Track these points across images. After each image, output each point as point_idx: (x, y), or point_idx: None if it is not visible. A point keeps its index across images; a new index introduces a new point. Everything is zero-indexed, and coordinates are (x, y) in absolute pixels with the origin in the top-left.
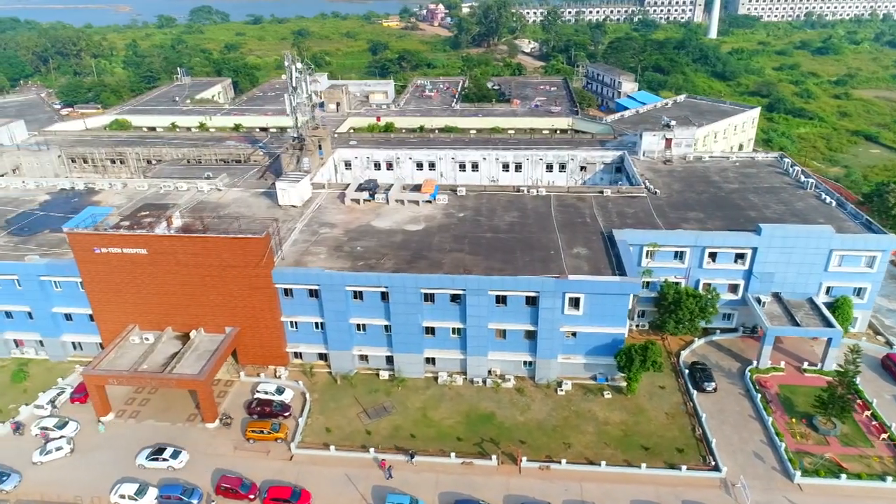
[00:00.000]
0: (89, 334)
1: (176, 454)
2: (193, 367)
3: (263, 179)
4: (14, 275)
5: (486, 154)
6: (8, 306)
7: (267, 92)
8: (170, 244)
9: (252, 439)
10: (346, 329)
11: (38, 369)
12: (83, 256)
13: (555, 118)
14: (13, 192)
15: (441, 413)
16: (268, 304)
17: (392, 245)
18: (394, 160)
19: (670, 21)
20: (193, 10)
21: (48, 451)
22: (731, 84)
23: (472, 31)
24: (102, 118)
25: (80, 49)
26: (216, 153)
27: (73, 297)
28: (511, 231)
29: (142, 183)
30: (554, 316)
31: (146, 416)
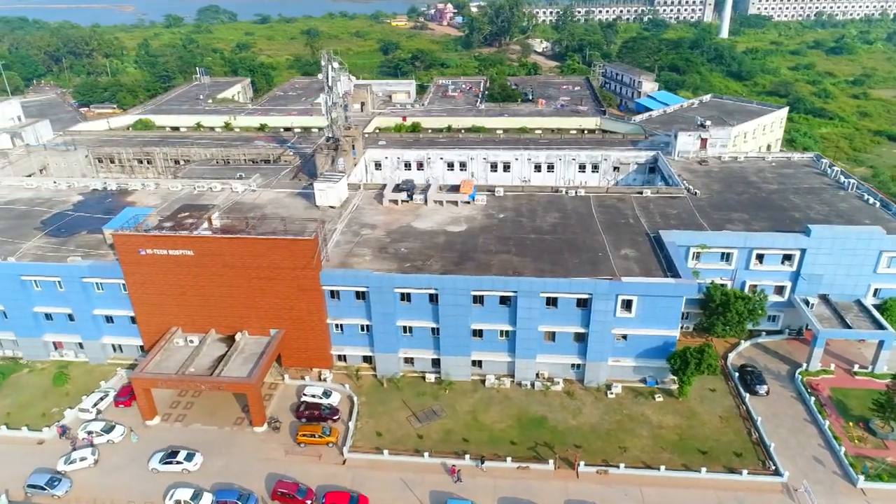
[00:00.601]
0: (130, 336)
1: (190, 456)
2: (242, 369)
3: (297, 180)
4: (56, 276)
5: (518, 154)
6: (49, 308)
7: (288, 92)
8: (217, 245)
9: (303, 443)
10: (393, 331)
11: (78, 372)
12: (128, 258)
13: (582, 118)
14: (45, 192)
15: (491, 417)
16: (314, 306)
17: (436, 246)
18: (424, 160)
19: (680, 21)
20: (201, 10)
21: (72, 461)
22: (747, 84)
23: (483, 31)
24: (125, 118)
25: (92, 49)
26: (245, 153)
27: (115, 299)
28: (554, 232)
29: (175, 183)
30: (606, 318)
31: (192, 420)
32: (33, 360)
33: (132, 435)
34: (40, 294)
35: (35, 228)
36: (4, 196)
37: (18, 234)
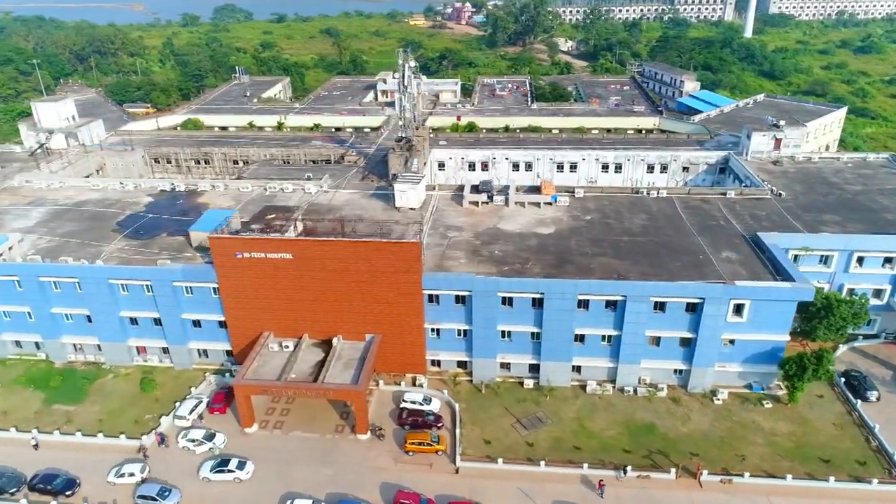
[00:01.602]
0: (217, 341)
1: (242, 465)
2: (344, 375)
3: (369, 181)
4: (147, 280)
5: (585, 154)
6: (135, 312)
7: (332, 91)
8: (318, 248)
9: (411, 451)
10: (493, 336)
11: (164, 377)
12: (223, 261)
13: (639, 118)
14: (112, 193)
15: (598, 424)
16: (413, 311)
17: (529, 249)
18: (489, 161)
19: (700, 20)
20: (217, 9)
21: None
22: (781, 83)
23: (508, 30)
24: (174, 118)
25: (117, 48)
26: (305, 153)
27: (205, 304)
28: (646, 234)
29: (244, 184)
30: (717, 323)
31: (292, 428)
32: (116, 365)
33: (214, 446)
34: (127, 298)
35: (112, 231)
36: (72, 197)
37: (96, 236)
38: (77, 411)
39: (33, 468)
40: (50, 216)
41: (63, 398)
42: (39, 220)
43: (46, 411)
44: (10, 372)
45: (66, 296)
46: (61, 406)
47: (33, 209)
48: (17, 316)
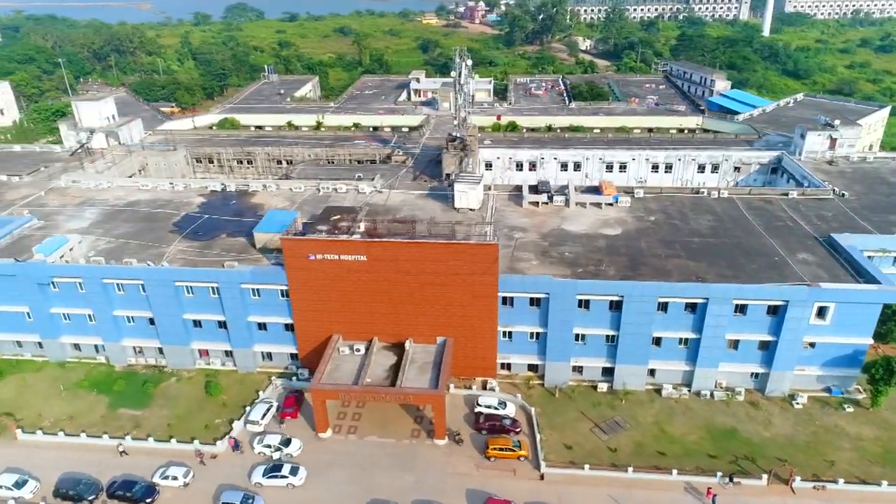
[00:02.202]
0: (282, 344)
1: (295, 470)
2: (419, 379)
3: (422, 181)
4: (214, 282)
5: (634, 154)
6: (200, 315)
7: (363, 91)
8: (393, 250)
9: (493, 457)
10: (567, 339)
11: (228, 381)
12: (295, 263)
13: (681, 117)
14: (162, 193)
15: (678, 428)
16: (486, 313)
17: (599, 250)
18: (537, 160)
19: (716, 19)
20: (229, 7)
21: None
22: (806, 83)
23: (525, 29)
24: (209, 117)
25: (135, 47)
26: (350, 153)
27: (271, 306)
28: (716, 235)
29: (296, 184)
30: (799, 326)
31: (367, 433)
32: (178, 369)
33: (281, 455)
34: (192, 300)
35: (170, 232)
36: (122, 197)
37: (154, 237)
38: (144, 416)
39: (106, 474)
40: (104, 217)
41: (128, 402)
42: (93, 220)
43: (112, 416)
44: (71, 375)
45: (130, 298)
46: (127, 410)
47: (85, 210)
48: (78, 318)
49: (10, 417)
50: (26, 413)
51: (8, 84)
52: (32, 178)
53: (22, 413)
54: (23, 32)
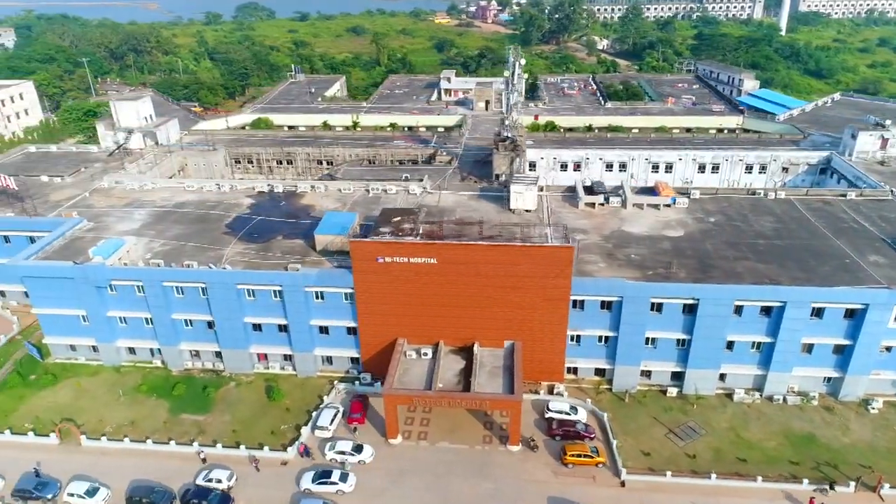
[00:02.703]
0: (344, 348)
1: (345, 477)
2: (491, 384)
3: (471, 181)
4: (277, 285)
5: (681, 154)
6: (261, 318)
7: (394, 90)
8: (465, 253)
9: (571, 464)
10: (638, 343)
11: (289, 385)
12: (363, 266)
13: (720, 117)
14: (208, 194)
15: (755, 434)
16: (557, 317)
17: (665, 252)
18: (582, 161)
19: (729, 18)
20: (240, 7)
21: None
22: (829, 82)
23: (542, 28)
24: (242, 117)
25: (152, 46)
26: (392, 153)
27: (335, 309)
28: (781, 237)
29: (346, 185)
30: (878, 329)
31: (438, 439)
32: (236, 373)
33: (346, 465)
34: (253, 304)
35: (224, 234)
36: (169, 199)
37: (208, 239)
38: (207, 421)
39: (174, 481)
40: (154, 218)
41: (189, 407)
42: (144, 222)
43: (175, 421)
44: (127, 380)
45: (189, 301)
46: (189, 416)
47: (134, 211)
48: (135, 322)
49: (71, 423)
50: (86, 418)
51: (31, 84)
52: (74, 178)
53: (82, 418)
54: (37, 32)
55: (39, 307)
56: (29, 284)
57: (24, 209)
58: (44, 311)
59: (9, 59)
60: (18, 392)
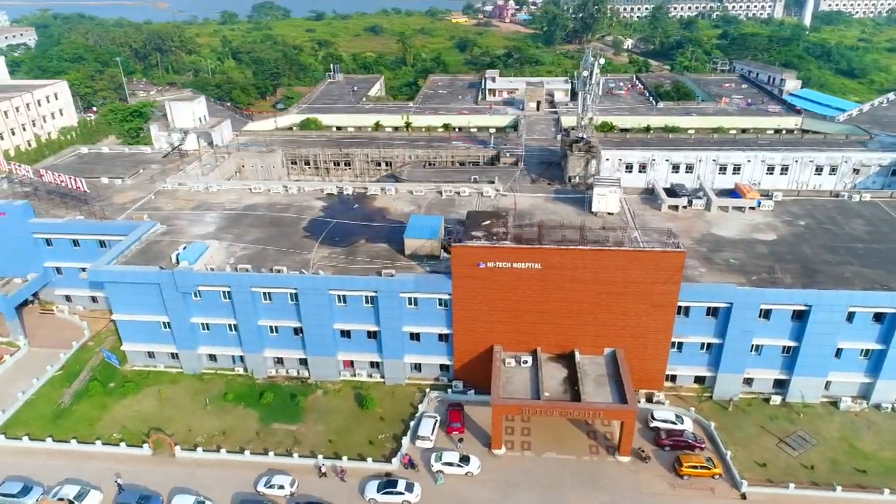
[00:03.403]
0: (434, 355)
1: (410, 486)
2: (600, 393)
3: (544, 183)
4: (372, 291)
5: (749, 156)
6: (350, 325)
7: (437, 90)
8: (571, 258)
9: (687, 475)
10: (744, 350)
11: (378, 393)
12: (463, 271)
13: (778, 117)
14: (275, 196)
15: (869, 444)
16: (662, 324)
17: (763, 256)
18: (648, 162)
19: (749, 17)
20: (256, 6)
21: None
22: (863, 82)
23: (567, 27)
24: (290, 117)
25: (176, 46)
26: (453, 154)
27: (428, 316)
28: (878, 240)
29: (416, 187)
30: None
31: (543, 449)
32: (322, 381)
33: (438, 477)
34: (343, 310)
35: (303, 237)
36: (237, 201)
37: (289, 243)
38: (300, 431)
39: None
40: (227, 221)
41: (280, 417)
42: (219, 225)
43: (267, 431)
44: (210, 388)
45: (277, 307)
46: (282, 425)
47: (204, 214)
48: (218, 328)
49: (160, 432)
50: (175, 428)
51: (66, 84)
52: (134, 180)
53: (170, 428)
54: (55, 31)
55: (119, 313)
56: (110, 290)
57: (90, 212)
58: (124, 317)
59: (33, 58)
60: (100, 400)
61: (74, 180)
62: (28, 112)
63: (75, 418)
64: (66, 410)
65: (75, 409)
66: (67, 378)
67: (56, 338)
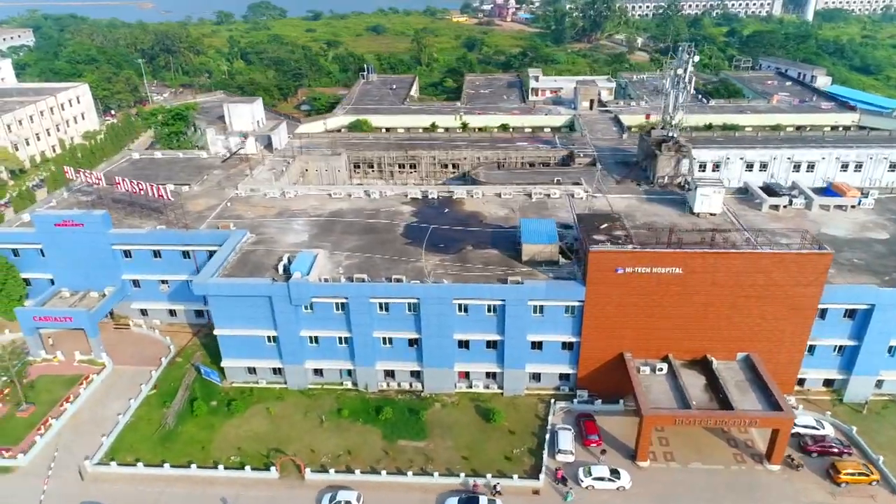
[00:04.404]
0: (554, 364)
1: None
2: (745, 400)
3: (631, 183)
4: (499, 300)
5: (824, 153)
6: (471, 335)
7: (477, 90)
8: (713, 262)
9: (844, 483)
10: (881, 352)
11: (498, 405)
12: (600, 277)
13: (835, 114)
14: (359, 201)
15: None
16: (800, 326)
17: (883, 256)
18: (722, 161)
19: (749, 15)
20: (252, 6)
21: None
22: (878, 78)
23: (577, 26)
24: (339, 119)
25: (185, 46)
26: (522, 155)
27: (554, 323)
28: None
29: (503, 189)
30: None
31: (687, 460)
32: (438, 393)
33: (568, 494)
34: (464, 319)
35: (406, 244)
36: (319, 207)
37: (393, 250)
38: (430, 448)
39: None
40: (318, 229)
41: (403, 433)
42: (310, 233)
43: (395, 449)
44: (320, 404)
45: (394, 318)
46: (408, 442)
47: (290, 221)
48: (327, 341)
49: (281, 453)
50: (295, 448)
51: (87, 86)
52: (200, 187)
53: (290, 448)
54: (56, 33)
55: (222, 328)
56: (213, 304)
57: (169, 221)
58: (226, 331)
59: (37, 60)
60: (206, 420)
61: (157, 188)
62: (52, 116)
63: (184, 440)
64: (172, 432)
65: (181, 431)
66: (162, 397)
67: (138, 354)
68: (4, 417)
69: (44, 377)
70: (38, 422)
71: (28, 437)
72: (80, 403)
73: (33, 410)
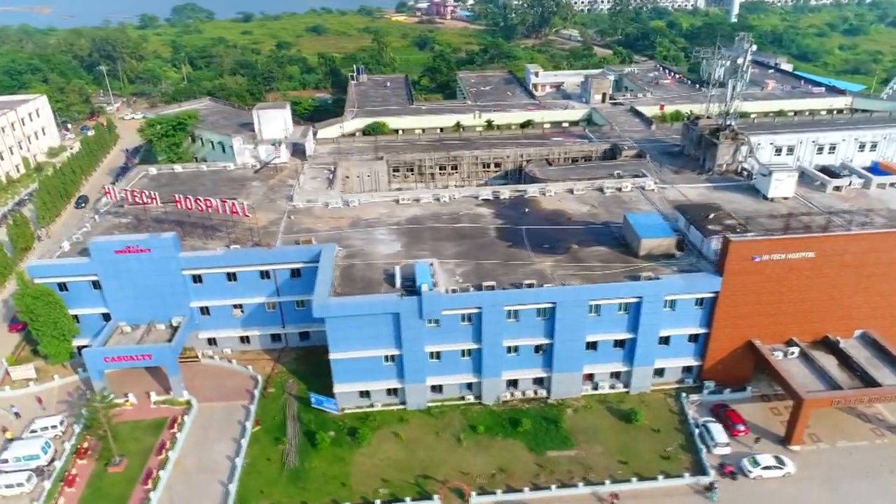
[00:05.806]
0: (679, 358)
1: None
2: (884, 375)
3: (692, 172)
4: (635, 297)
5: (844, 135)
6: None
7: (477, 87)
8: (844, 244)
9: None
10: None
11: (630, 404)
12: (737, 267)
13: (829, 98)
14: (430, 206)
15: None
16: None
17: None
18: (754, 145)
19: (676, 9)
20: (176, 8)
21: None
22: (817, 65)
23: (527, 22)
24: (354, 122)
25: (127, 52)
26: (566, 151)
27: (680, 317)
28: None
29: (576, 185)
30: None
31: (832, 440)
32: (564, 398)
33: (713, 494)
34: (595, 320)
35: (509, 247)
36: (392, 214)
37: (499, 254)
38: (581, 456)
39: None
40: (407, 237)
41: (549, 443)
42: (401, 242)
43: (547, 461)
44: (447, 422)
45: (524, 325)
46: (557, 452)
47: (371, 231)
48: (449, 355)
49: (431, 479)
50: (443, 472)
51: (45, 99)
52: (248, 200)
53: (438, 473)
54: None
55: (338, 351)
56: (331, 326)
57: (235, 239)
58: (342, 355)
59: None
60: (332, 453)
61: (233, 205)
62: (14, 133)
63: (317, 478)
64: (300, 470)
65: (310, 468)
66: (270, 433)
67: (220, 389)
68: (95, 475)
69: (122, 424)
70: (137, 476)
71: (134, 494)
72: (180, 449)
73: (126, 464)
